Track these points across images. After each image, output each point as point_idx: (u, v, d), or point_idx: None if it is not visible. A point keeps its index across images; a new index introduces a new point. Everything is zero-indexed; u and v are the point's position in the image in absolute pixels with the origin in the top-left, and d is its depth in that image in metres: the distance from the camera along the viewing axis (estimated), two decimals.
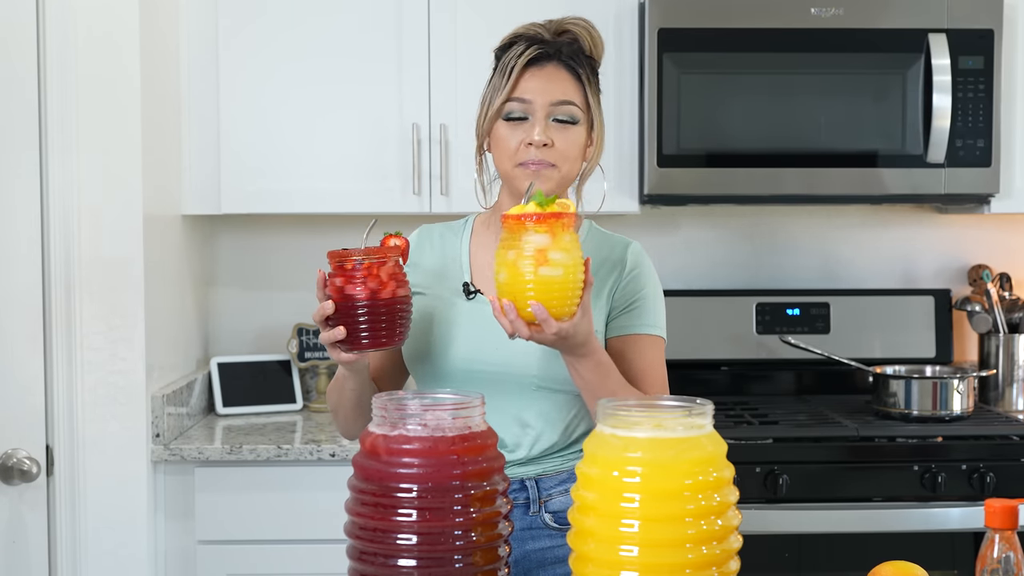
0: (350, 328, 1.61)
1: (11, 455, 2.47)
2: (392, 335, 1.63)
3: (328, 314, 1.61)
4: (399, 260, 1.65)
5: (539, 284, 1.50)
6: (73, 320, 2.54)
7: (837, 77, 2.90)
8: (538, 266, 1.49)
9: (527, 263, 1.50)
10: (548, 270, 1.50)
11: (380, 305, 1.60)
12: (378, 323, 1.61)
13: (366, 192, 2.92)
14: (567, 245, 1.50)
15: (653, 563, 1.16)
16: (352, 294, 1.60)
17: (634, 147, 2.94)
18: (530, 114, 1.75)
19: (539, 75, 1.75)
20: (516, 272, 1.51)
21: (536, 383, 1.77)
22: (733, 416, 2.88)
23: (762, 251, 3.34)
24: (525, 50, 1.76)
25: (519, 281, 1.51)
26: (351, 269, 1.60)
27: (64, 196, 2.52)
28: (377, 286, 1.60)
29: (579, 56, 1.78)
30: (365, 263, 1.60)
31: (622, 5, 2.93)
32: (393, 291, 1.61)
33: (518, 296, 1.52)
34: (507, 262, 1.52)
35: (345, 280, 1.61)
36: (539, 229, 1.49)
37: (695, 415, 1.21)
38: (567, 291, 1.52)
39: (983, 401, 3.14)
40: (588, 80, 1.78)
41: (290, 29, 2.90)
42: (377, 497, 1.24)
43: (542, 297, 1.51)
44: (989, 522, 1.27)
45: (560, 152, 1.75)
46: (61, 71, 2.50)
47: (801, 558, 2.69)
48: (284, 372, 3.16)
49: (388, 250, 1.63)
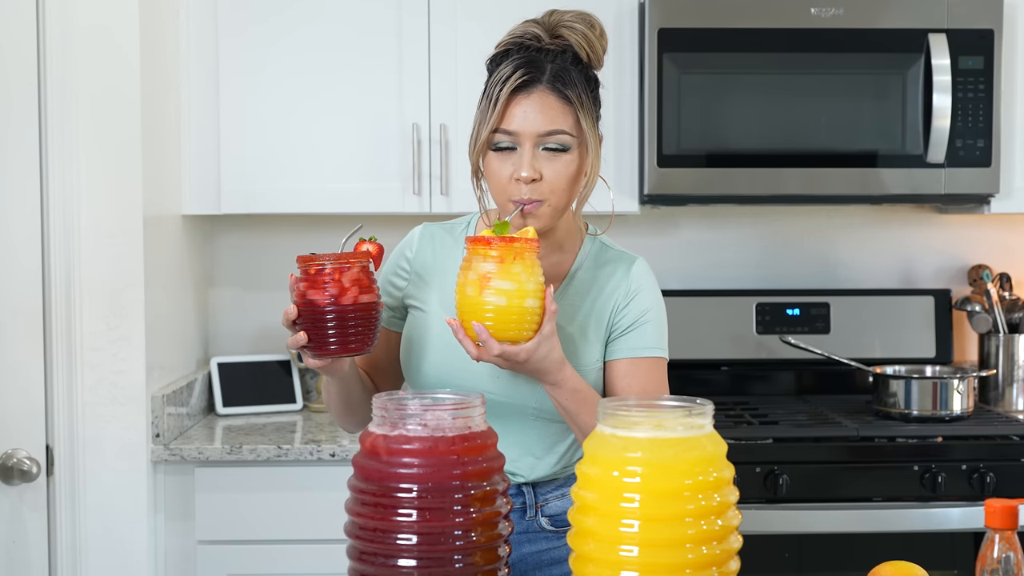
0: (314, 333, 1.60)
1: (11, 455, 2.47)
2: (359, 342, 1.61)
3: (293, 318, 1.60)
4: (367, 266, 1.61)
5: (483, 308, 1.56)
6: (73, 320, 2.54)
7: (837, 77, 2.90)
8: (482, 290, 1.55)
9: (472, 287, 1.56)
10: (492, 296, 1.55)
11: (343, 311, 1.58)
12: (343, 329, 1.59)
13: (366, 192, 2.92)
14: (515, 274, 1.55)
15: (653, 563, 1.16)
16: (314, 299, 1.58)
17: (634, 147, 2.94)
18: (518, 144, 1.66)
19: (526, 103, 1.66)
20: (463, 294, 1.57)
21: (535, 414, 1.75)
22: (733, 416, 2.88)
23: (762, 251, 3.34)
24: (512, 74, 1.66)
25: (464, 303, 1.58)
26: (314, 274, 1.59)
27: (64, 196, 2.52)
28: (338, 291, 1.58)
29: (568, 73, 1.67)
30: (327, 268, 1.58)
31: (622, 5, 2.93)
32: (355, 298, 1.58)
33: (464, 317, 1.58)
34: (459, 284, 1.59)
35: (308, 285, 1.59)
36: (488, 255, 1.55)
37: (695, 415, 1.21)
38: (511, 317, 1.56)
39: (983, 401, 3.14)
40: (579, 100, 1.67)
41: (290, 29, 2.90)
42: (377, 497, 1.24)
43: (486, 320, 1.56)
44: (989, 522, 1.27)
45: (549, 185, 1.67)
46: (61, 71, 2.50)
47: (801, 558, 2.69)
48: (284, 372, 3.16)
49: (353, 256, 1.60)
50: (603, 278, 1.79)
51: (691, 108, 2.88)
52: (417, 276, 1.81)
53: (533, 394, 1.73)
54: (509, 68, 1.67)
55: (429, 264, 1.81)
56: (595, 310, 1.77)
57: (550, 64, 1.67)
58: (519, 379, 1.73)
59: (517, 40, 1.70)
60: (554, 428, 1.77)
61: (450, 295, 1.77)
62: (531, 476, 1.78)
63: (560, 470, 1.80)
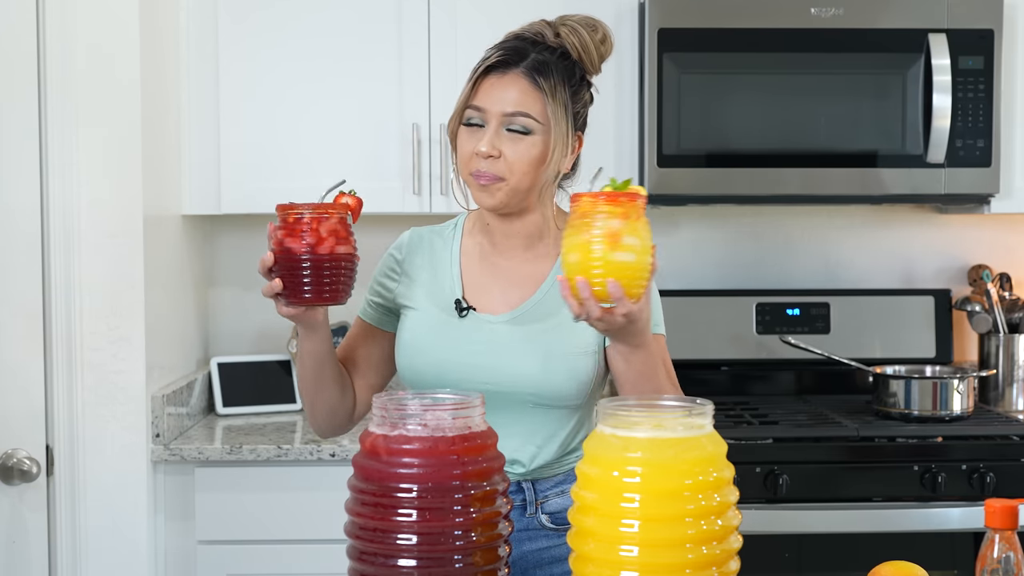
0: (288, 282, 1.62)
1: (11, 455, 2.47)
2: (334, 292, 1.63)
3: (269, 265, 1.63)
4: (344, 217, 1.64)
5: (613, 266, 1.48)
6: (73, 320, 2.54)
7: (837, 77, 2.90)
8: (612, 249, 1.47)
9: (600, 245, 1.47)
10: (622, 254, 1.47)
11: (319, 260, 1.61)
12: (318, 278, 1.61)
13: (366, 192, 2.86)
14: (640, 229, 1.48)
15: (653, 563, 1.16)
16: (291, 247, 1.61)
17: (634, 147, 2.94)
18: (485, 122, 1.74)
19: (498, 83, 1.73)
20: (589, 253, 1.48)
21: (533, 400, 1.76)
22: (733, 416, 2.88)
23: (762, 251, 3.34)
24: (491, 55, 1.74)
25: (592, 262, 1.48)
26: (292, 223, 1.62)
27: (64, 196, 2.52)
28: (315, 241, 1.60)
29: (548, 66, 1.72)
30: (306, 217, 1.61)
31: (622, 5, 2.93)
32: (332, 247, 1.61)
33: (591, 276, 1.49)
34: (579, 244, 1.48)
35: (286, 233, 1.62)
36: (614, 212, 1.46)
37: (695, 415, 1.21)
38: (637, 274, 1.50)
39: (983, 401, 3.14)
40: (551, 91, 1.72)
41: (290, 29, 2.90)
42: (377, 497, 1.24)
43: (617, 278, 1.49)
44: (989, 522, 1.27)
45: (508, 164, 1.72)
46: (61, 71, 2.50)
47: (801, 558, 2.69)
48: (284, 372, 3.16)
49: (332, 206, 1.63)
50: None
51: (691, 108, 2.89)
52: (407, 276, 1.85)
53: (531, 381, 1.74)
54: (492, 51, 1.75)
55: (419, 264, 1.85)
56: None
57: (534, 53, 1.74)
58: (516, 368, 1.74)
59: (519, 32, 1.78)
60: (554, 414, 1.78)
61: (438, 291, 1.81)
62: (533, 465, 1.78)
63: (561, 457, 1.81)
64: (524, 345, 1.75)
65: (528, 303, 1.79)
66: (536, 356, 1.75)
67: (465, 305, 1.79)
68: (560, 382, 1.75)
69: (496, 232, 1.82)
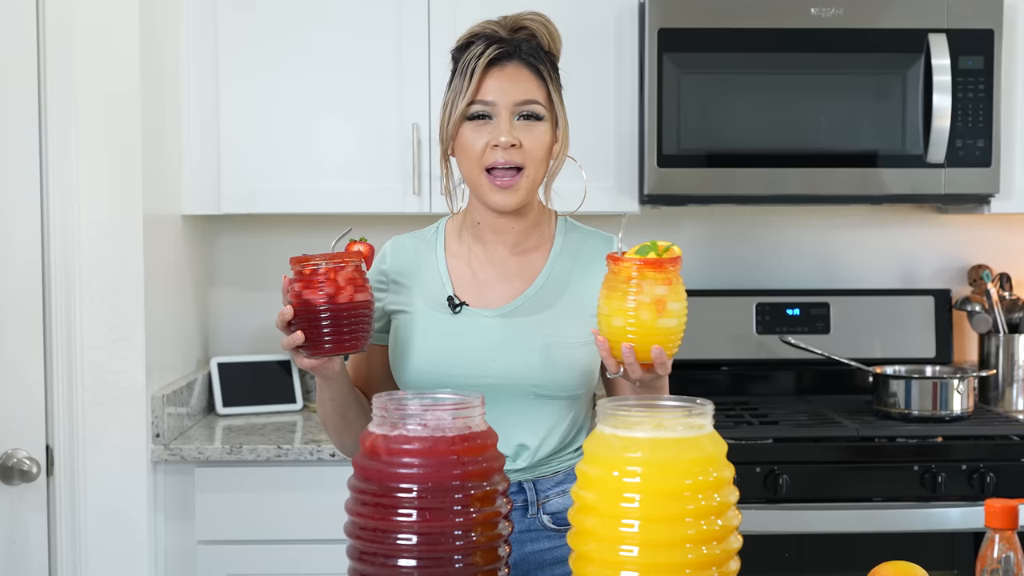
0: (309, 333, 1.61)
1: (11, 455, 2.47)
2: (354, 340, 1.63)
3: (288, 319, 1.62)
4: (359, 265, 1.64)
5: (658, 332, 1.51)
6: (73, 320, 2.54)
7: (837, 77, 2.90)
8: (658, 316, 1.49)
9: (647, 313, 1.49)
10: (666, 320, 1.50)
11: (338, 310, 1.60)
12: (338, 328, 1.61)
13: (366, 192, 2.92)
14: (681, 293, 1.52)
15: (653, 563, 1.16)
16: (310, 299, 1.60)
17: (634, 147, 2.94)
18: (494, 115, 1.74)
19: (501, 75, 1.74)
20: (635, 320, 1.50)
21: (535, 392, 1.76)
22: (733, 416, 2.88)
23: (762, 251, 3.34)
24: (485, 50, 1.74)
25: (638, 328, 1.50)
26: (309, 274, 1.61)
27: (64, 196, 2.52)
28: (334, 291, 1.60)
29: (538, 53, 1.77)
30: (323, 268, 1.60)
31: (622, 5, 2.93)
32: (351, 296, 1.61)
33: (635, 342, 1.52)
34: (624, 309, 1.50)
35: (303, 285, 1.61)
36: (658, 279, 1.49)
37: (695, 415, 1.21)
38: (678, 336, 1.54)
39: (983, 401, 3.14)
40: (550, 76, 1.77)
41: (291, 29, 2.90)
42: (377, 497, 1.24)
43: (661, 343, 1.52)
44: (989, 522, 1.27)
45: (527, 153, 1.73)
46: (61, 71, 2.50)
47: (801, 558, 2.69)
48: (284, 372, 3.16)
49: (347, 255, 1.63)
50: (585, 255, 1.83)
51: (691, 108, 2.89)
52: (395, 284, 1.85)
53: (531, 372, 1.75)
54: (482, 46, 1.76)
55: (406, 270, 1.85)
56: (582, 287, 1.79)
57: (522, 43, 1.77)
58: (517, 360, 1.75)
59: (479, 32, 1.80)
60: (555, 405, 1.78)
61: (428, 292, 1.81)
62: (537, 457, 1.78)
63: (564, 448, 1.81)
64: (523, 337, 1.76)
65: (523, 296, 1.80)
66: (536, 348, 1.75)
67: (458, 301, 1.79)
68: (561, 373, 1.75)
69: (486, 229, 1.82)
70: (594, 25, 2.92)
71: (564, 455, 1.82)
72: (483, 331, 1.77)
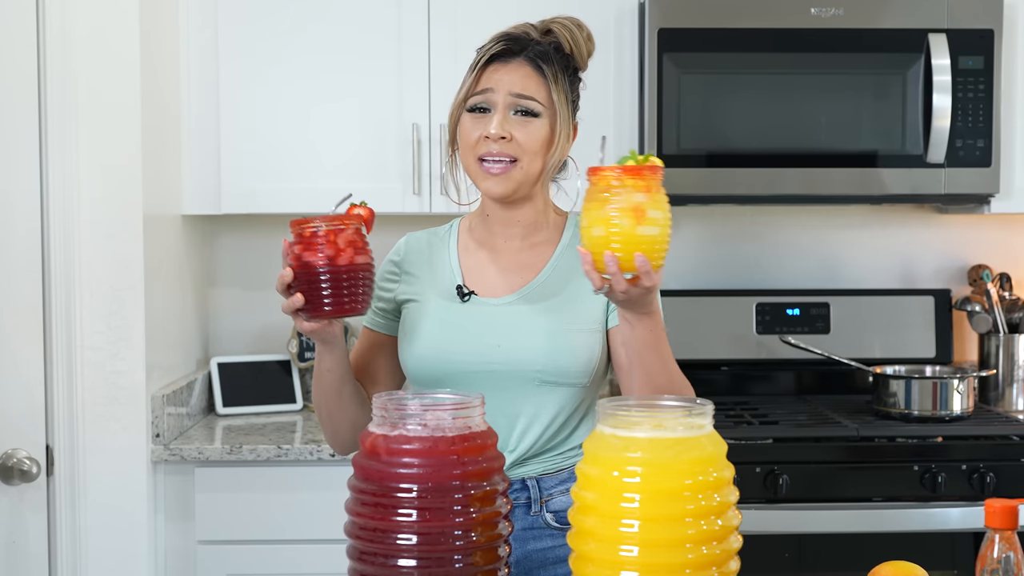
0: (309, 295, 1.62)
1: (11, 455, 2.47)
2: (353, 302, 1.63)
3: (288, 282, 1.63)
4: (360, 228, 1.65)
5: (639, 239, 1.47)
6: (73, 320, 2.54)
7: (837, 77, 2.90)
8: (638, 223, 1.45)
9: (626, 219, 1.45)
10: (647, 227, 1.46)
11: (338, 271, 1.61)
12: (338, 290, 1.62)
13: (366, 192, 2.88)
14: (662, 202, 1.48)
15: (653, 563, 1.16)
16: (310, 260, 1.61)
17: (634, 147, 2.94)
18: (491, 105, 1.77)
19: (502, 69, 1.77)
20: (615, 227, 1.46)
21: (540, 378, 1.77)
22: (733, 416, 2.88)
23: (762, 251, 3.34)
24: (492, 46, 1.79)
25: (618, 236, 1.46)
26: (309, 236, 1.62)
27: (64, 196, 2.52)
28: (334, 252, 1.61)
29: (549, 55, 1.78)
30: (323, 230, 1.61)
31: (622, 5, 2.93)
32: (351, 258, 1.62)
33: (617, 250, 1.47)
34: (603, 218, 1.46)
35: (303, 247, 1.62)
36: (638, 186, 1.45)
37: (695, 415, 1.21)
38: (661, 246, 1.50)
39: (983, 401, 3.14)
40: (554, 77, 1.78)
41: (290, 29, 2.90)
42: (377, 497, 1.24)
43: (644, 252, 1.48)
44: (989, 522, 1.27)
45: (520, 145, 1.75)
46: (61, 71, 2.50)
47: (801, 558, 2.69)
48: (284, 372, 3.16)
49: (347, 218, 1.64)
50: None
51: (691, 108, 2.89)
52: (407, 275, 1.87)
53: (537, 359, 1.75)
54: (491, 42, 1.80)
55: (417, 263, 1.88)
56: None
57: (533, 44, 1.79)
58: (522, 345, 1.75)
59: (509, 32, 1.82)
60: (559, 392, 1.78)
61: (438, 282, 1.83)
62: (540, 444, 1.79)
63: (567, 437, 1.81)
64: (528, 323, 1.77)
65: (530, 285, 1.81)
66: (541, 333, 1.76)
67: (467, 291, 1.82)
68: (566, 359, 1.76)
69: (495, 222, 1.85)
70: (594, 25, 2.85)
71: (568, 449, 1.82)
72: (489, 318, 1.78)
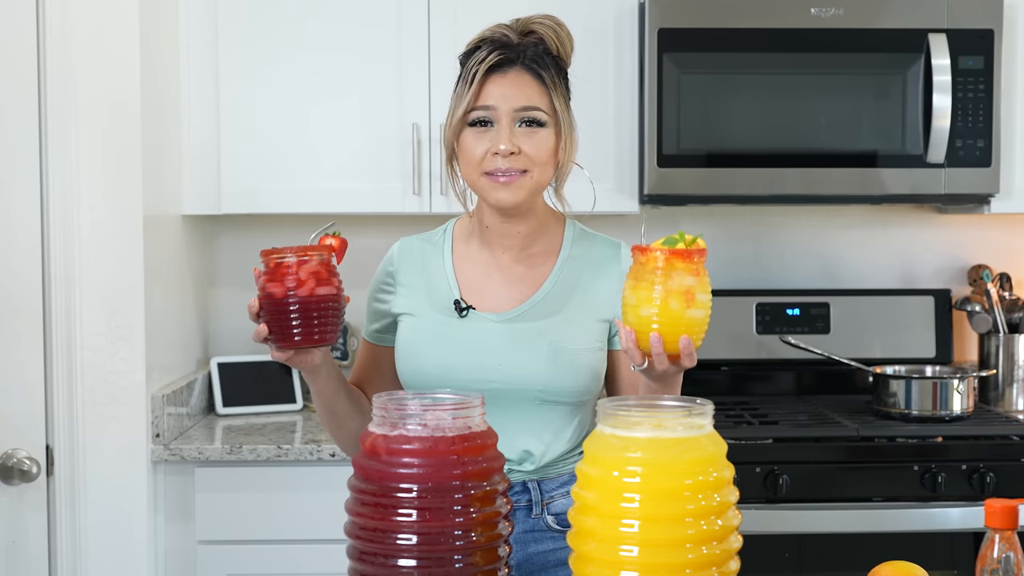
0: (275, 326, 1.61)
1: (11, 455, 2.47)
2: (321, 333, 1.62)
3: (255, 311, 1.63)
4: (326, 258, 1.63)
5: (686, 323, 1.50)
6: (73, 320, 2.54)
7: (837, 77, 2.90)
8: (687, 306, 1.49)
9: (677, 302, 1.49)
10: (694, 311, 1.50)
11: (301, 303, 1.60)
12: (305, 321, 1.60)
13: (366, 192, 2.92)
14: (708, 285, 1.52)
15: (653, 563, 1.16)
16: (272, 291, 1.61)
17: (634, 147, 2.94)
18: (495, 120, 1.73)
19: (502, 81, 1.73)
20: (664, 309, 1.49)
21: (541, 397, 1.76)
22: (733, 416, 2.88)
23: (762, 251, 3.34)
24: (487, 56, 1.73)
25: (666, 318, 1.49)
26: (273, 268, 1.61)
27: (64, 196, 2.52)
28: (295, 284, 1.60)
29: (543, 59, 1.75)
30: (287, 261, 1.61)
31: (622, 5, 2.93)
32: (311, 290, 1.60)
33: (665, 332, 1.50)
34: (651, 299, 1.49)
35: (268, 278, 1.61)
36: (688, 269, 1.49)
37: (695, 415, 1.21)
38: (704, 328, 1.53)
39: (983, 401, 3.14)
40: (553, 83, 1.75)
41: (290, 29, 2.90)
42: (377, 497, 1.24)
43: (688, 333, 1.51)
44: (989, 522, 1.27)
45: (529, 158, 1.73)
46: (61, 71, 2.50)
47: (801, 558, 2.69)
48: (284, 372, 3.15)
49: (313, 249, 1.63)
50: (593, 261, 1.82)
51: (691, 108, 2.89)
52: (402, 286, 1.85)
53: (537, 377, 1.75)
54: (485, 52, 1.74)
55: (412, 272, 1.85)
56: (589, 293, 1.80)
57: (527, 49, 1.75)
58: (523, 365, 1.74)
59: (488, 36, 1.77)
60: (560, 410, 1.78)
61: (434, 295, 1.80)
62: (543, 461, 1.78)
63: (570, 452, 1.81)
64: (529, 342, 1.76)
65: (530, 301, 1.79)
66: (542, 353, 1.75)
67: (465, 305, 1.79)
68: (568, 379, 1.75)
69: (494, 233, 1.82)
70: (594, 25, 2.92)
71: (570, 459, 1.82)
72: (489, 336, 1.77)
